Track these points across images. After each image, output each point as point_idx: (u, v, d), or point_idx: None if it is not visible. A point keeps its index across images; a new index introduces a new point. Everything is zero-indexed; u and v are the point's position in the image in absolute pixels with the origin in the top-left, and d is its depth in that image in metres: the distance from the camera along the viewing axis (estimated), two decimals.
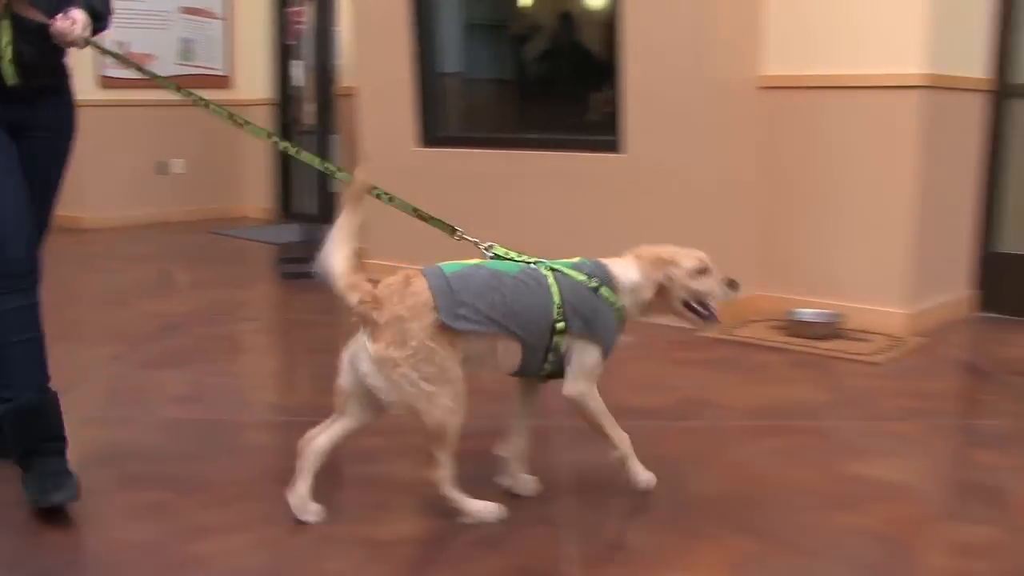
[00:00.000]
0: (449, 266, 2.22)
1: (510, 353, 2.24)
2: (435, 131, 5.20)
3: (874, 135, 4.22)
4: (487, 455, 2.42)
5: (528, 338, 2.22)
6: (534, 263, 2.31)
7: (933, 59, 4.10)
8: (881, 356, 3.77)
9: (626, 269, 2.33)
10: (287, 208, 7.67)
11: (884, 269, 4.22)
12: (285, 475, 2.27)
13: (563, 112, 5.05)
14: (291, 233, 6.31)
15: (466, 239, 2.40)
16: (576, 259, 2.36)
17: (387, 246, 4.99)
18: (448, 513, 2.24)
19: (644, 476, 2.41)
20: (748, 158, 4.45)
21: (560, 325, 2.22)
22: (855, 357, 3.75)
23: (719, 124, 4.31)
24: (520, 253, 2.37)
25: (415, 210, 2.45)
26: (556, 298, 2.22)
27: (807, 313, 4.07)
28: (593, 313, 2.25)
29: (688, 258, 2.35)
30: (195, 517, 2.29)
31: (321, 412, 2.29)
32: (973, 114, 4.51)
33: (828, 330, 3.98)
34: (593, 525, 2.29)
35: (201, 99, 2.56)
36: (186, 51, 7.93)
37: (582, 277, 2.27)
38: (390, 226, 3.72)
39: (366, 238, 4.76)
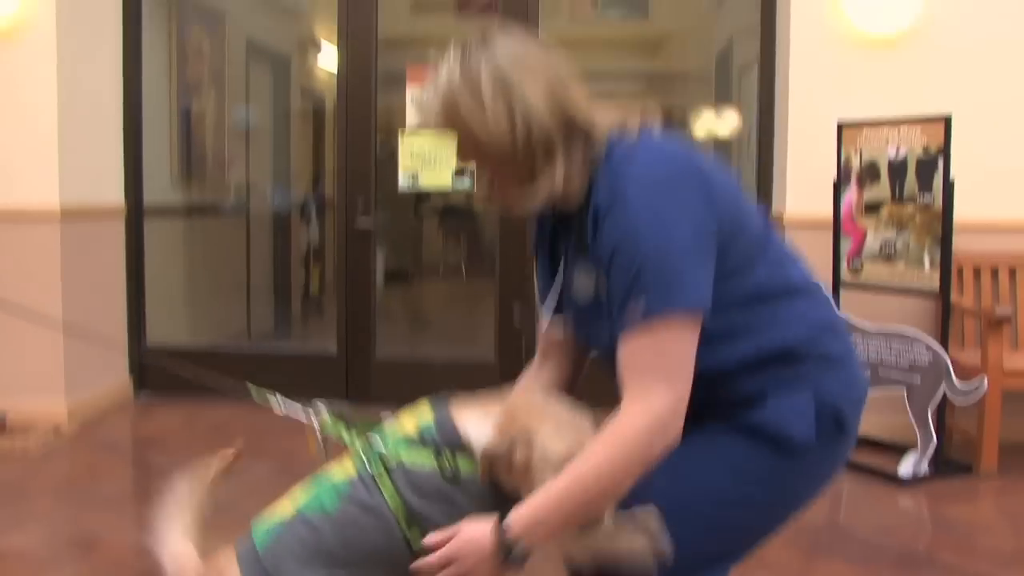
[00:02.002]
0: (262, 535, 1.71)
1: None
2: None
3: (26, 259, 4.92)
4: None
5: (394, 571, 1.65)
6: (366, 463, 1.67)
7: (67, 191, 4.96)
8: (36, 445, 4.50)
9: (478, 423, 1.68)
10: None
11: (45, 369, 4.96)
12: None
13: None
14: None
15: (289, 411, 1.96)
16: (419, 421, 1.70)
17: None
18: None
19: None
20: None
21: (414, 533, 1.63)
22: (10, 450, 4.43)
23: None
24: (347, 425, 1.79)
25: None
26: (398, 514, 1.63)
27: None
28: (453, 506, 1.64)
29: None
30: None
31: None
32: (114, 231, 5.47)
33: None
34: None
35: None
36: None
37: (429, 463, 1.64)
38: None
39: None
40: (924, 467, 4.18)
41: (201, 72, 6.57)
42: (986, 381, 4.05)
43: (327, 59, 8.63)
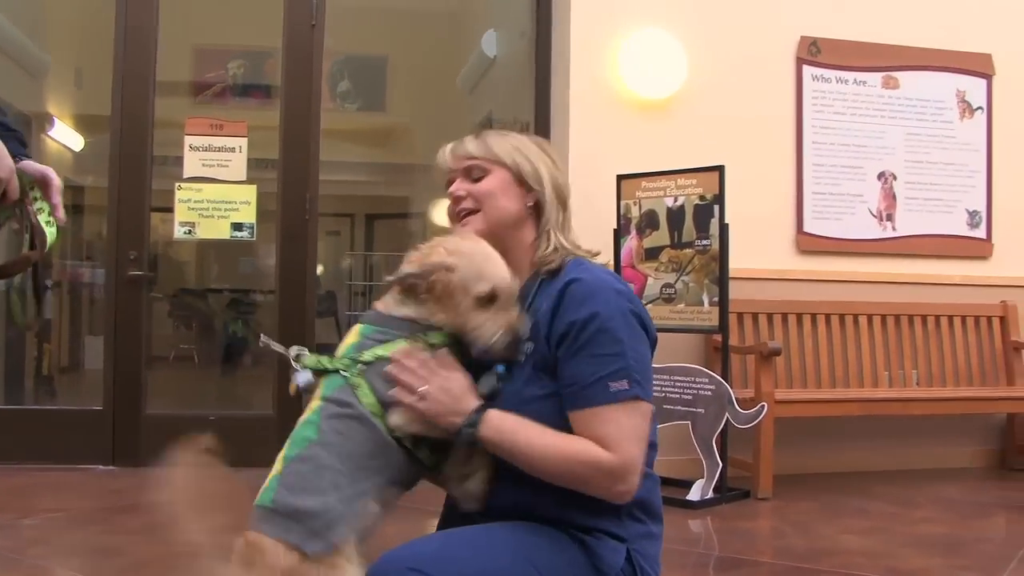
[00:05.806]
0: (263, 495, 1.71)
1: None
2: None
3: None
4: None
5: (394, 472, 1.75)
6: (340, 370, 1.75)
7: None
8: None
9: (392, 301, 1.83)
10: None
11: None
12: None
13: None
14: None
15: (272, 347, 1.92)
16: (364, 322, 1.83)
17: None
18: None
19: None
20: None
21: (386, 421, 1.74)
22: None
23: None
24: (331, 359, 1.79)
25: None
26: (373, 409, 1.73)
27: None
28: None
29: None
30: None
31: None
32: None
33: None
34: None
35: None
36: None
37: (395, 344, 1.76)
38: None
39: None
40: (710, 491, 4.41)
41: None
42: (766, 405, 4.36)
43: (64, 133, 8.24)
